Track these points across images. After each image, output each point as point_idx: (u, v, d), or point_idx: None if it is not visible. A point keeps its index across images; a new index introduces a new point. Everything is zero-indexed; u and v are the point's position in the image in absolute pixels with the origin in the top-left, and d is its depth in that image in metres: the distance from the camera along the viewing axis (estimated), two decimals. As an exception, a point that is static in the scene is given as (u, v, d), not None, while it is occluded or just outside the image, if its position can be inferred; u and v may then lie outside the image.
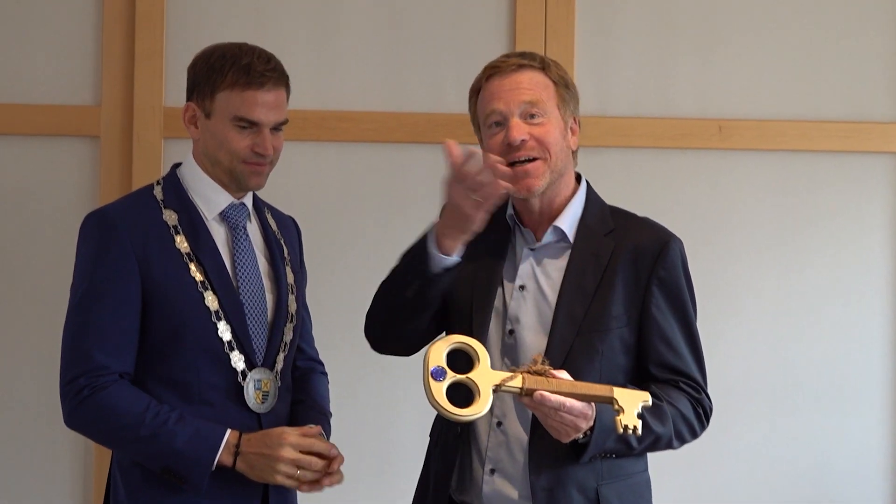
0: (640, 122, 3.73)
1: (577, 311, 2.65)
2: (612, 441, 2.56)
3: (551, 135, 2.67)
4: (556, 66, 2.72)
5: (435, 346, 2.50)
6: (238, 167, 2.69)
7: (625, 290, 2.67)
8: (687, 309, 2.70)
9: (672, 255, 2.68)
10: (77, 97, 3.70)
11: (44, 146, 3.68)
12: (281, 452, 2.61)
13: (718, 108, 3.74)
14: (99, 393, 2.59)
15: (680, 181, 3.75)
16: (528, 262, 2.72)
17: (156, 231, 2.67)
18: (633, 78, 3.74)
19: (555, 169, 2.68)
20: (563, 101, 2.70)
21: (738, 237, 3.75)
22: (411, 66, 3.71)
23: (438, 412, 2.46)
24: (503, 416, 2.67)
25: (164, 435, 2.58)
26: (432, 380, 2.45)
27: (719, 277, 3.74)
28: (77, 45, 3.69)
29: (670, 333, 2.67)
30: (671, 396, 2.64)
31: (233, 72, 2.65)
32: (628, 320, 2.66)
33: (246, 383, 2.69)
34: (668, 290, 2.68)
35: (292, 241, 2.90)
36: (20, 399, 3.68)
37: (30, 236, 3.67)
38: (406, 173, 3.71)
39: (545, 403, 2.45)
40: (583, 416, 2.48)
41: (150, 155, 3.65)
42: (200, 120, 2.70)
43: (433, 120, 3.69)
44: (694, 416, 2.66)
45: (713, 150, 3.74)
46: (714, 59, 3.75)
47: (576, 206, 2.74)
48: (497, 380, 2.46)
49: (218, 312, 2.67)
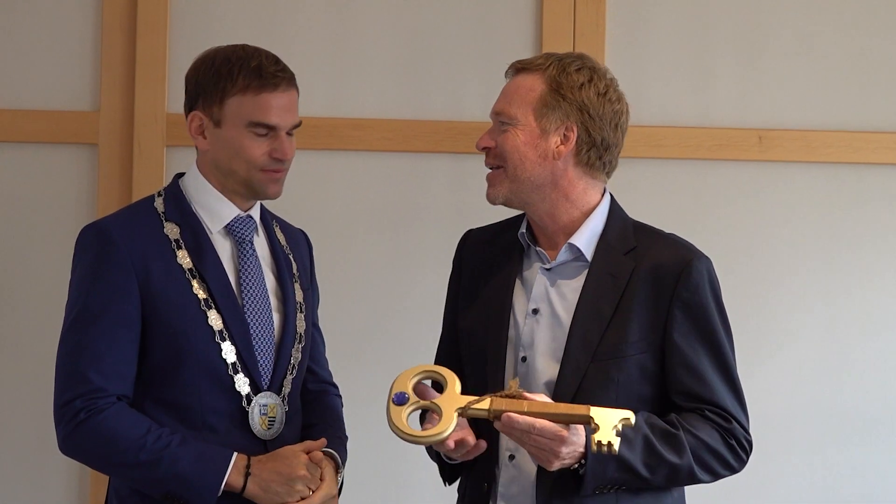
0: (674, 131, 3.72)
1: (592, 337, 2.63)
2: (612, 470, 2.55)
3: (508, 143, 2.67)
4: (563, 66, 2.69)
5: (402, 375, 2.58)
6: (256, 176, 2.69)
7: (644, 313, 2.65)
8: (715, 333, 2.67)
9: (696, 275, 2.66)
10: (75, 102, 3.70)
11: (39, 154, 3.69)
12: (299, 470, 2.63)
13: (759, 116, 3.73)
14: (96, 416, 2.58)
15: (716, 195, 3.74)
16: (542, 284, 2.71)
17: (156, 245, 2.67)
18: (666, 84, 3.74)
19: (516, 178, 2.67)
20: (546, 106, 2.67)
21: (780, 256, 3.74)
22: (431, 70, 3.71)
23: (398, 436, 2.52)
24: (515, 449, 2.66)
25: (167, 459, 2.58)
26: (392, 405, 2.53)
27: (760, 300, 3.72)
28: (75, 48, 3.70)
29: (694, 360, 2.64)
30: (692, 425, 2.62)
31: (243, 75, 2.65)
32: (648, 346, 2.64)
33: (251, 408, 2.68)
34: (693, 313, 2.65)
35: (302, 256, 2.90)
36: (10, 421, 3.68)
37: (23, 249, 3.68)
38: (424, 185, 3.71)
39: (513, 426, 2.47)
40: (557, 439, 2.47)
41: (152, 164, 3.65)
42: (209, 129, 2.69)
43: (454, 128, 3.69)
44: (724, 447, 2.64)
45: (753, 161, 3.73)
46: (754, 64, 3.74)
47: (595, 222, 2.72)
48: (463, 403, 2.51)
49: (222, 332, 2.66)
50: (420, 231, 3.69)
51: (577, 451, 2.51)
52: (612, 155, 2.72)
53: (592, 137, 2.68)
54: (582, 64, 2.70)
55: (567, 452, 2.50)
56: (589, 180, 2.71)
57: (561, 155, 2.67)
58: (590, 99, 2.67)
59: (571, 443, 2.49)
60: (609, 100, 2.69)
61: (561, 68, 2.68)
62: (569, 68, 2.68)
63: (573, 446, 2.50)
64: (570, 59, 2.70)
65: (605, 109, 2.68)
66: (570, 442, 2.49)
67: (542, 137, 2.67)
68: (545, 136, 2.67)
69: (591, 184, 2.72)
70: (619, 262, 2.68)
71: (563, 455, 2.50)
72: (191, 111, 2.71)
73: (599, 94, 2.68)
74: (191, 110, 2.71)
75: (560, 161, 2.67)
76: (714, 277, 2.69)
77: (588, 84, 2.68)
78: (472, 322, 2.75)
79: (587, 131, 2.67)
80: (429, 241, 3.69)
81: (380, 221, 3.71)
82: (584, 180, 2.71)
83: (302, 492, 2.63)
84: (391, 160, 3.70)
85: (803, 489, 3.73)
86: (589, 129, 2.67)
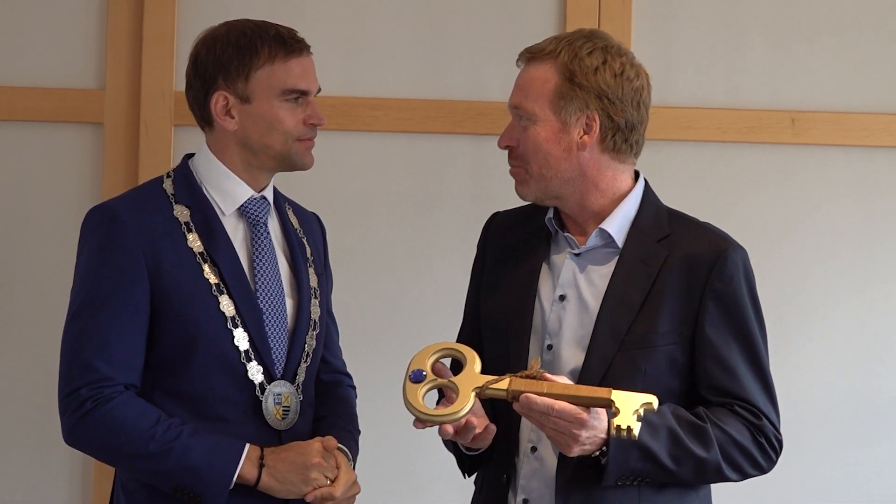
0: (704, 112, 3.72)
1: (620, 325, 2.63)
2: (636, 459, 2.54)
3: (531, 142, 2.67)
4: (574, 51, 2.67)
5: (420, 352, 2.58)
6: (293, 147, 2.72)
7: (676, 303, 2.65)
8: (748, 327, 2.67)
9: (731, 265, 2.65)
10: (79, 80, 3.70)
11: (41, 133, 3.69)
12: (314, 459, 2.64)
13: (791, 97, 3.73)
14: (103, 406, 2.59)
15: (747, 179, 3.73)
16: (570, 269, 2.71)
17: (165, 228, 2.67)
18: (696, 64, 3.73)
19: (543, 177, 2.68)
20: (563, 97, 2.65)
21: (814, 243, 3.74)
22: (450, 47, 3.71)
23: (412, 414, 2.52)
24: (538, 440, 2.66)
25: (178, 450, 2.58)
26: (409, 382, 2.54)
27: (792, 289, 3.72)
28: (79, 22, 3.70)
29: (725, 353, 2.64)
30: (721, 420, 2.61)
31: (268, 45, 2.68)
32: (678, 338, 2.64)
33: (265, 397, 2.69)
34: (726, 305, 2.65)
35: (316, 240, 2.91)
36: (13, 411, 3.69)
37: (25, 233, 3.69)
38: (443, 167, 3.71)
39: (532, 406, 2.46)
40: (577, 422, 2.47)
41: (159, 144, 3.65)
42: (236, 108, 2.70)
43: (474, 108, 3.68)
44: (753, 445, 2.63)
45: (785, 144, 3.72)
46: (787, 43, 3.74)
47: (628, 207, 2.72)
48: (481, 382, 2.51)
49: (234, 318, 2.67)
50: (439, 215, 3.69)
51: (599, 437, 2.51)
52: (638, 134, 2.71)
53: (615, 122, 2.67)
54: (593, 46, 2.67)
55: (587, 437, 2.49)
56: (618, 165, 2.71)
57: (586, 146, 2.67)
58: (606, 82, 2.65)
59: (592, 427, 2.49)
60: (627, 78, 2.67)
61: (572, 54, 2.66)
62: (580, 52, 2.66)
63: (594, 431, 2.49)
64: (581, 42, 2.68)
65: (624, 90, 2.66)
66: (590, 426, 2.48)
67: (564, 131, 2.67)
68: (567, 129, 2.67)
69: (620, 169, 2.72)
70: (651, 250, 2.68)
71: (583, 439, 2.49)
72: (208, 93, 2.71)
73: (616, 75, 2.66)
74: (208, 92, 2.71)
75: (586, 152, 2.67)
76: (749, 269, 2.69)
77: (603, 67, 2.66)
78: (496, 308, 2.76)
79: (609, 116, 2.66)
80: (448, 225, 3.69)
81: (397, 205, 3.71)
82: (613, 166, 2.70)
83: (317, 480, 2.64)
84: (409, 141, 3.70)
85: (836, 488, 3.73)
86: (611, 114, 2.66)
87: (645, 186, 2.76)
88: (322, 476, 2.65)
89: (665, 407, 2.57)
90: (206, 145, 2.76)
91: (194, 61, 2.74)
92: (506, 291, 2.75)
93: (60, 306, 2.73)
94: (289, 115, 2.70)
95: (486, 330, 2.78)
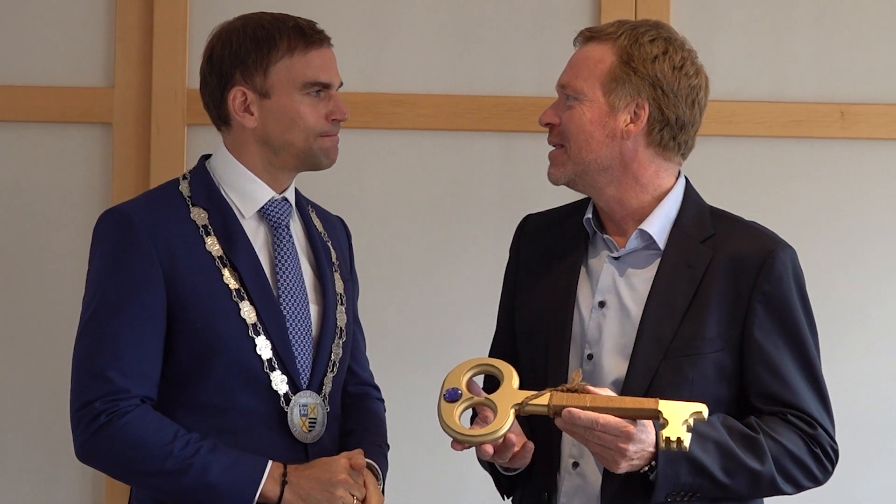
0: (748, 106, 3.72)
1: (665, 332, 2.64)
2: (686, 474, 2.54)
3: (574, 120, 2.68)
4: (635, 36, 2.69)
5: (454, 369, 2.59)
6: (316, 144, 2.73)
7: (722, 307, 2.65)
8: (800, 331, 2.67)
9: (780, 266, 2.66)
10: (86, 77, 3.71)
11: (47, 134, 3.70)
12: (340, 475, 2.63)
13: (841, 89, 3.72)
14: (118, 419, 2.59)
15: (794, 176, 3.73)
16: (610, 274, 2.72)
17: (182, 232, 2.68)
18: (739, 55, 3.72)
19: (581, 159, 2.68)
20: (616, 80, 2.67)
21: (865, 241, 3.73)
22: (478, 40, 3.71)
23: (450, 436, 2.52)
24: (580, 455, 2.67)
25: (196, 467, 2.58)
26: (444, 402, 2.54)
27: (843, 290, 3.71)
28: (86, 17, 3.71)
29: (777, 359, 2.65)
30: (774, 430, 2.62)
31: (286, 37, 2.69)
32: (726, 344, 2.65)
33: (290, 409, 2.69)
34: (775, 308, 2.65)
35: (341, 244, 2.91)
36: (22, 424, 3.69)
37: (32, 239, 3.69)
38: (471, 166, 3.71)
39: (575, 422, 2.47)
40: (624, 435, 2.47)
41: (172, 144, 3.66)
42: (255, 104, 2.72)
43: (504, 104, 3.68)
44: (808, 456, 2.64)
45: (834, 139, 3.72)
46: (836, 31, 3.73)
47: (668, 207, 2.72)
48: (520, 398, 2.51)
49: (256, 326, 2.67)
50: (467, 218, 3.69)
51: (647, 451, 2.51)
52: (687, 135, 2.72)
53: (665, 116, 2.68)
54: (657, 34, 2.70)
55: (634, 451, 2.49)
56: (661, 162, 2.72)
57: (630, 134, 2.68)
58: (664, 73, 2.67)
59: (639, 440, 2.49)
60: (686, 74, 2.69)
61: (633, 38, 2.68)
62: (642, 38, 2.68)
63: (641, 444, 2.50)
64: (644, 29, 2.70)
65: (680, 85, 2.68)
66: (637, 439, 2.49)
67: (611, 115, 2.68)
68: (614, 113, 2.68)
69: (663, 166, 2.72)
70: (695, 251, 2.68)
71: (631, 454, 2.49)
72: (225, 89, 2.72)
73: (675, 68, 2.68)
74: (225, 89, 2.72)
75: (629, 141, 2.68)
76: (799, 270, 2.70)
77: (662, 56, 2.68)
78: (532, 316, 2.76)
79: (660, 109, 2.68)
80: (477, 229, 3.69)
81: (423, 208, 3.72)
82: (657, 162, 2.71)
83: (343, 498, 2.63)
84: (435, 139, 3.70)
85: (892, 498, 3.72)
86: (662, 107, 2.68)
87: (686, 184, 2.77)
88: (348, 494, 2.64)
89: (715, 417, 2.58)
90: (223, 145, 2.77)
91: (209, 57, 2.75)
92: (542, 298, 2.75)
93: (69, 315, 2.75)
94: (310, 109, 2.71)
95: (522, 340, 2.78)
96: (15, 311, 3.70)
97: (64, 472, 3.66)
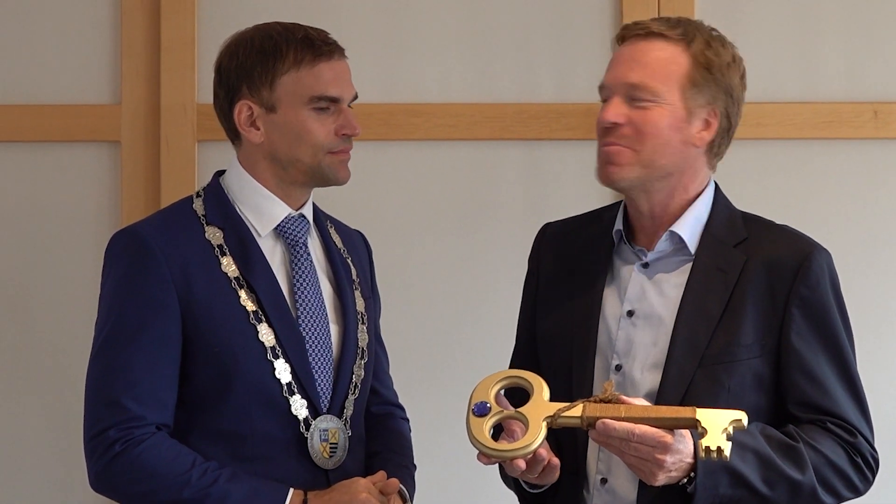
0: (776, 107, 3.72)
1: (700, 339, 2.64)
2: (726, 485, 2.53)
3: (651, 123, 2.65)
4: (707, 40, 2.68)
5: (482, 382, 2.58)
6: (325, 161, 2.72)
7: (758, 313, 2.65)
8: (837, 336, 2.68)
9: (816, 269, 2.66)
10: (92, 95, 3.73)
11: (53, 154, 3.72)
12: (360, 495, 2.61)
13: (873, 88, 3.72)
14: (134, 448, 2.60)
15: (827, 178, 3.72)
16: (639, 282, 2.71)
17: (197, 252, 2.68)
18: (766, 55, 3.71)
19: (652, 164, 2.66)
20: (695, 85, 2.65)
21: (902, 245, 3.73)
22: (497, 46, 3.71)
23: (480, 451, 2.51)
24: (608, 471, 2.66)
25: (215, 496, 2.59)
26: (473, 416, 2.53)
27: (879, 296, 3.71)
28: (92, 33, 3.72)
29: (815, 366, 2.65)
30: (814, 439, 2.61)
31: (293, 48, 2.69)
32: (762, 350, 2.64)
33: (310, 434, 2.69)
34: (813, 313, 2.66)
35: (362, 260, 2.92)
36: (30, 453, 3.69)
37: (39, 262, 3.70)
38: (492, 176, 3.71)
39: (610, 433, 2.45)
40: (661, 446, 2.46)
41: (182, 161, 3.67)
42: (261, 118, 2.72)
43: (525, 111, 3.69)
44: (849, 465, 2.64)
45: (867, 139, 3.71)
46: (867, 29, 3.73)
47: (699, 210, 2.72)
48: (552, 411, 2.51)
49: (275, 349, 2.68)
50: (489, 229, 3.69)
51: (685, 462, 2.50)
52: (730, 140, 2.75)
53: (731, 124, 2.70)
54: (722, 40, 2.71)
55: (672, 463, 2.48)
56: (707, 171, 2.74)
57: (703, 142, 2.68)
58: (734, 81, 2.69)
59: (677, 451, 2.48)
60: (744, 82, 2.73)
61: (706, 42, 2.68)
62: (714, 43, 2.68)
63: (679, 455, 2.48)
64: (709, 30, 2.71)
65: (742, 94, 2.72)
66: (675, 450, 2.47)
67: (687, 121, 2.67)
68: (690, 119, 2.67)
69: (707, 174, 2.74)
70: (727, 255, 2.68)
71: (668, 465, 2.48)
72: (232, 103, 2.73)
73: (742, 76, 2.71)
74: (232, 102, 2.73)
75: (698, 149, 2.68)
76: (835, 273, 2.70)
77: (733, 64, 2.70)
78: (554, 327, 2.76)
79: (728, 117, 2.69)
80: (499, 240, 3.69)
81: (442, 220, 3.72)
82: (705, 171, 2.73)
83: None
84: (454, 150, 3.71)
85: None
86: (730, 116, 2.70)
87: (716, 188, 2.77)
88: None
89: (753, 426, 2.57)
90: (237, 161, 2.78)
91: (218, 70, 2.76)
92: (565, 309, 2.75)
93: (78, 336, 2.76)
94: (318, 125, 2.71)
95: (543, 351, 2.78)
96: (23, 332, 3.70)
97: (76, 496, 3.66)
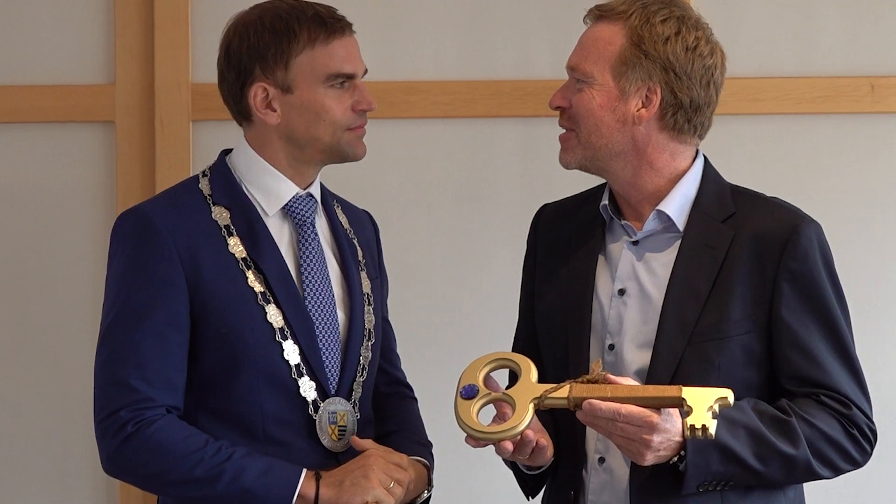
0: (773, 82, 3.73)
1: (688, 317, 2.65)
2: (717, 462, 2.55)
3: (582, 105, 2.69)
4: (646, 16, 2.68)
5: (471, 365, 2.61)
6: (343, 138, 2.73)
7: (747, 288, 2.66)
8: (829, 308, 2.68)
9: (805, 241, 2.66)
10: (86, 75, 3.74)
11: (47, 135, 3.72)
12: (372, 462, 2.63)
13: (870, 61, 3.73)
14: (146, 428, 2.59)
15: (824, 154, 3.74)
16: (629, 260, 2.73)
17: (204, 233, 2.68)
18: (762, 28, 3.73)
19: (591, 145, 2.69)
20: (625, 63, 2.67)
21: (898, 219, 3.73)
22: (493, 23, 3.72)
23: (467, 433, 2.54)
24: (605, 450, 2.68)
25: (230, 472, 2.58)
26: (460, 399, 2.56)
27: (875, 271, 3.73)
28: (85, 12, 3.72)
29: (806, 339, 2.65)
30: (807, 412, 2.63)
31: (307, 28, 2.69)
32: (753, 325, 2.66)
33: (318, 416, 2.70)
34: (802, 286, 2.66)
35: (368, 240, 2.91)
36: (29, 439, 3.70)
37: (35, 244, 3.71)
38: (489, 153, 3.73)
39: (596, 413, 2.48)
40: (647, 426, 2.49)
41: (177, 141, 3.68)
42: (277, 99, 2.71)
43: (521, 88, 3.70)
44: (845, 437, 2.65)
45: (865, 114, 3.73)
46: (865, 4, 3.74)
47: (686, 187, 2.73)
48: (539, 392, 2.53)
49: (283, 330, 2.68)
50: (486, 207, 3.70)
51: (673, 441, 2.53)
52: (703, 116, 2.72)
53: (679, 99, 2.68)
54: (669, 13, 2.69)
55: (660, 442, 2.51)
56: (677, 146, 2.72)
57: (642, 120, 2.68)
58: (676, 55, 2.67)
59: (664, 430, 2.50)
60: (700, 54, 2.69)
61: (644, 18, 2.67)
62: (653, 18, 2.67)
63: (667, 434, 2.51)
64: (656, 7, 2.69)
65: (694, 66, 2.68)
66: (661, 429, 2.50)
67: (621, 100, 2.68)
68: (624, 98, 2.68)
69: (679, 149, 2.73)
70: (716, 231, 2.69)
71: (656, 445, 2.51)
72: (245, 85, 2.71)
73: (688, 49, 2.68)
74: (244, 85, 2.71)
75: (641, 126, 2.69)
76: (825, 244, 2.70)
77: (675, 37, 2.67)
78: (550, 307, 2.78)
79: (672, 92, 2.67)
80: (497, 217, 3.71)
81: (439, 198, 3.73)
82: (672, 146, 2.72)
83: (382, 481, 2.62)
84: (451, 127, 3.72)
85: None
86: (675, 90, 2.67)
87: (705, 164, 2.77)
88: (387, 477, 2.63)
89: (745, 402, 2.59)
90: (244, 140, 2.76)
91: (226, 52, 2.73)
92: (561, 288, 2.77)
93: (76, 318, 2.74)
94: (336, 102, 2.71)
95: (542, 331, 2.80)
96: (20, 314, 3.70)
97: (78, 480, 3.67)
